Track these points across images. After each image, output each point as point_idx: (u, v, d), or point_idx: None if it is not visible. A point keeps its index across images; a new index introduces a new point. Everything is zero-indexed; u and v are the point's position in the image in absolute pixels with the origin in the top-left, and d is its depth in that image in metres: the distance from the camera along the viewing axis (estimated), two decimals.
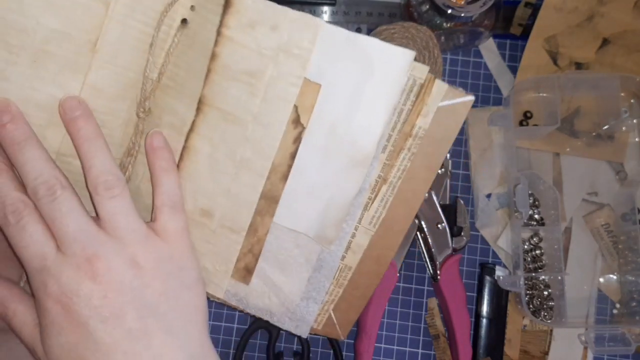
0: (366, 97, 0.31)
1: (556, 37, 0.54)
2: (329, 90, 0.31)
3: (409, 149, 0.33)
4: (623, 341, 0.49)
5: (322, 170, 0.33)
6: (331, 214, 0.34)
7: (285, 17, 0.31)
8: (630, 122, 0.53)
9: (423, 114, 0.32)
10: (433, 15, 0.50)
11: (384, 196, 0.34)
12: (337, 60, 0.31)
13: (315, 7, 0.56)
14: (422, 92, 0.31)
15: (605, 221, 0.53)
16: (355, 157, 0.32)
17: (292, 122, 0.32)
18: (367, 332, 0.49)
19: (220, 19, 0.31)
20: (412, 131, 0.32)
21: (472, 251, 0.53)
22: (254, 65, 0.32)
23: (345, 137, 0.32)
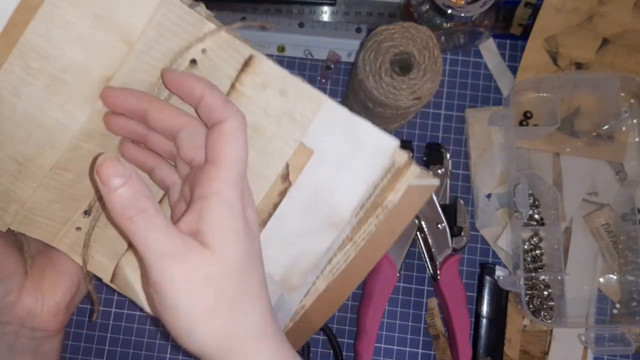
0: (351, 170, 0.35)
1: (556, 37, 0.54)
2: (320, 157, 0.35)
3: (376, 217, 0.37)
4: (623, 341, 0.49)
5: (299, 224, 0.37)
6: (299, 264, 0.37)
7: (295, 86, 0.34)
8: (630, 122, 0.53)
9: (395, 190, 0.36)
10: (433, 15, 0.50)
11: (347, 251, 0.38)
12: (333, 134, 0.35)
13: (315, 7, 0.56)
14: (399, 173, 0.35)
15: (605, 221, 0.53)
16: (331, 219, 0.36)
17: (281, 177, 0.36)
18: (367, 332, 0.49)
19: (237, 75, 0.34)
20: (383, 203, 0.36)
21: (472, 251, 0.53)
22: (258, 121, 0.35)
23: (325, 201, 0.36)
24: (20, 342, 0.38)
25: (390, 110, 0.45)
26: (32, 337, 0.38)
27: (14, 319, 0.37)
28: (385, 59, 0.43)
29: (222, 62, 0.35)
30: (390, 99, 0.43)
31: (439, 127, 0.55)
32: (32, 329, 0.38)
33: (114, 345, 0.52)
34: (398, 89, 0.43)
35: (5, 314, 0.37)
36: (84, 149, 0.35)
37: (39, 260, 0.39)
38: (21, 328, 0.38)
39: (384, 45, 0.43)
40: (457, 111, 0.55)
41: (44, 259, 0.39)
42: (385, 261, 0.49)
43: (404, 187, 0.36)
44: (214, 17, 0.35)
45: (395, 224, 0.37)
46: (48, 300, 0.38)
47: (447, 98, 0.55)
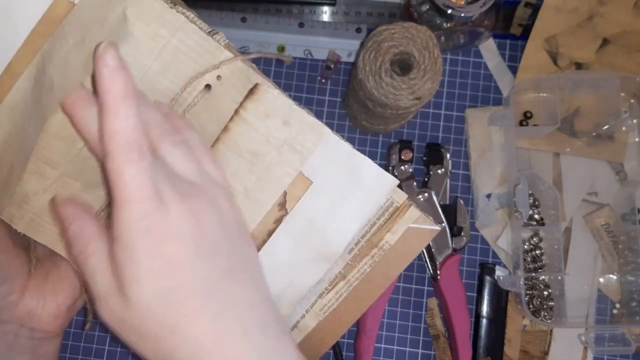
0: (347, 205, 0.36)
1: (556, 37, 0.54)
2: (318, 188, 0.35)
3: (372, 257, 0.37)
4: (623, 341, 0.49)
5: (291, 254, 0.37)
6: (288, 294, 0.38)
7: (298, 117, 0.35)
8: (630, 122, 0.53)
9: (392, 231, 0.36)
10: (433, 15, 0.50)
11: (339, 290, 0.38)
12: (332, 166, 0.35)
13: (315, 7, 0.56)
14: (396, 213, 0.36)
15: (605, 221, 0.53)
16: (324, 252, 0.37)
17: (278, 205, 0.36)
18: (367, 332, 0.49)
19: (241, 101, 0.35)
20: (379, 243, 0.37)
21: (472, 251, 0.53)
22: (259, 148, 0.35)
23: (319, 232, 0.36)
24: (19, 342, 0.38)
25: (390, 110, 0.45)
26: (31, 337, 0.39)
27: (14, 319, 0.38)
28: (385, 59, 0.43)
29: (232, 88, 0.35)
30: (390, 99, 0.43)
31: (439, 127, 0.55)
32: (31, 330, 0.38)
33: (114, 346, 0.52)
34: (398, 89, 0.43)
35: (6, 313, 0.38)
36: (93, 160, 0.35)
37: (44, 263, 0.39)
38: (20, 328, 0.38)
39: (384, 45, 0.43)
40: (457, 111, 0.55)
41: (49, 262, 0.40)
42: None
43: (402, 229, 0.36)
44: (231, 45, 0.35)
45: (392, 266, 0.37)
46: (49, 302, 0.38)
47: (447, 98, 0.55)
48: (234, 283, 0.29)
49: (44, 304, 0.38)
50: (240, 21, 0.55)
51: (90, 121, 0.29)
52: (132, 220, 0.27)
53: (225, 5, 0.56)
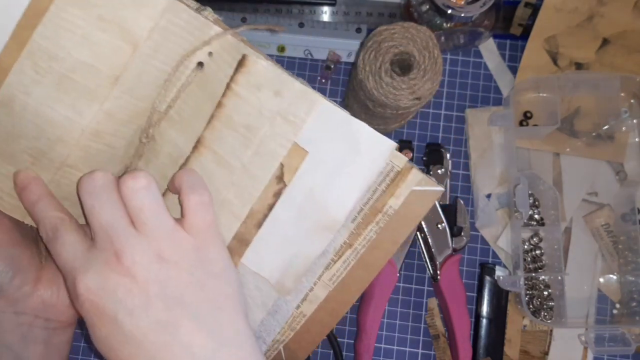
0: (346, 172, 0.35)
1: (556, 37, 0.54)
2: (314, 158, 0.35)
3: (376, 223, 0.36)
4: (623, 341, 0.49)
5: (294, 227, 0.37)
6: (293, 267, 0.37)
7: (289, 87, 0.34)
8: (630, 122, 0.53)
9: (395, 196, 0.36)
10: (433, 15, 0.50)
11: (346, 259, 0.37)
12: (328, 134, 0.35)
13: (315, 7, 0.56)
14: (398, 177, 0.35)
15: (605, 221, 0.53)
16: (325, 222, 0.36)
17: (276, 178, 0.36)
18: (367, 332, 0.49)
19: (232, 75, 0.35)
20: (383, 208, 0.36)
21: (472, 251, 0.53)
22: (252, 121, 0.35)
23: (319, 203, 0.36)
24: (33, 333, 0.39)
25: (390, 110, 0.45)
26: (45, 327, 0.39)
27: (29, 310, 0.38)
28: (385, 59, 0.43)
29: (224, 63, 0.35)
30: (390, 99, 0.43)
31: (439, 127, 0.55)
32: (46, 320, 0.39)
33: None
34: (398, 89, 0.43)
35: (20, 305, 0.38)
36: (93, 148, 0.36)
37: None
38: (35, 319, 0.38)
39: (384, 45, 0.43)
40: (457, 111, 0.55)
41: None
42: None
43: (406, 192, 0.35)
44: (221, 20, 0.35)
45: (398, 231, 0.37)
46: (63, 292, 0.39)
47: (447, 98, 0.55)
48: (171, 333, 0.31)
49: (58, 294, 0.39)
50: (240, 21, 0.55)
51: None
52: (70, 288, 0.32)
53: (225, 5, 0.56)
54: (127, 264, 0.31)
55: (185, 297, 0.32)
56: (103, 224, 0.32)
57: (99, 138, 0.36)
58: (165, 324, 0.31)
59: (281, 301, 0.38)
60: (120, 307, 0.30)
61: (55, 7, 0.32)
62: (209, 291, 0.33)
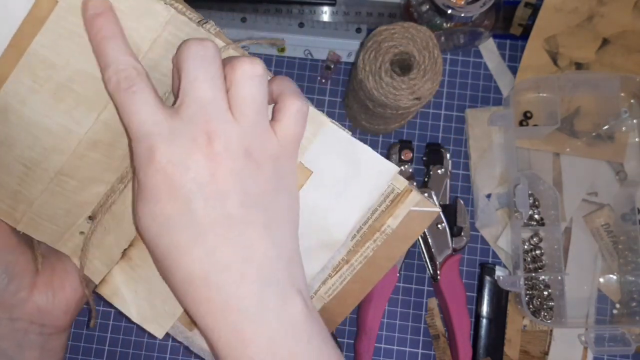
0: (348, 194, 0.36)
1: (556, 37, 0.54)
2: (318, 178, 0.35)
3: (374, 241, 0.37)
4: (623, 341, 0.49)
5: None
6: None
7: None
8: (630, 122, 0.53)
9: (394, 216, 0.37)
10: (433, 15, 0.50)
11: (343, 274, 0.38)
12: (332, 156, 0.35)
13: (315, 7, 0.56)
14: (398, 199, 0.36)
15: (605, 221, 0.53)
16: (326, 241, 0.37)
17: None
18: (367, 332, 0.49)
19: None
20: (382, 227, 0.37)
21: (472, 251, 0.53)
22: None
23: (321, 222, 0.36)
24: (28, 338, 0.38)
25: (390, 110, 0.45)
26: (41, 332, 0.39)
27: (24, 316, 0.38)
28: (385, 59, 0.43)
29: None
30: (390, 99, 0.43)
31: (439, 127, 0.55)
32: (41, 325, 0.39)
33: (114, 346, 0.52)
34: (398, 89, 0.43)
35: (16, 311, 0.38)
36: (89, 157, 0.35)
37: (49, 259, 0.40)
38: (31, 325, 0.38)
39: (384, 45, 0.43)
40: (457, 111, 0.55)
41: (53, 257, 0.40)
42: None
43: (404, 213, 0.36)
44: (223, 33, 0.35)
45: (394, 249, 0.38)
46: (59, 297, 0.39)
47: (447, 98, 0.55)
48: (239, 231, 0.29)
49: (54, 300, 0.39)
50: (240, 21, 0.55)
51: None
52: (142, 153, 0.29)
53: (225, 5, 0.56)
54: (218, 148, 0.28)
55: (261, 201, 0.30)
56: (203, 97, 0.29)
57: (96, 147, 0.35)
58: (237, 220, 0.29)
59: None
60: (198, 190, 0.28)
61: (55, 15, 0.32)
62: (283, 203, 0.32)
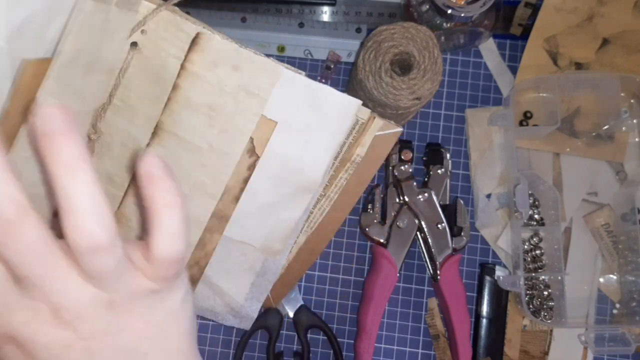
0: (317, 135, 0.35)
1: (556, 37, 0.54)
2: (284, 127, 0.35)
3: (346, 171, 0.38)
4: (623, 341, 0.49)
5: (273, 194, 0.37)
6: (278, 231, 0.38)
7: (247, 60, 0.34)
8: (630, 122, 0.53)
9: (362, 145, 0.37)
10: (433, 15, 0.50)
11: (321, 206, 0.39)
12: (294, 102, 0.34)
13: (315, 7, 0.56)
14: (363, 128, 0.37)
15: (605, 221, 0.53)
16: (304, 184, 0.37)
17: (248, 152, 0.36)
18: (367, 332, 0.49)
19: (185, 55, 0.34)
20: (351, 158, 0.37)
21: (472, 251, 0.53)
22: (214, 99, 0.34)
23: (295, 168, 0.36)
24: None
25: (390, 110, 0.45)
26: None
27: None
28: (385, 59, 0.43)
29: (165, 42, 0.33)
30: (390, 99, 0.43)
31: (439, 127, 0.55)
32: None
33: None
34: (398, 89, 0.43)
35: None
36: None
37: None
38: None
39: (384, 45, 0.43)
40: (457, 111, 0.55)
41: None
42: (385, 261, 0.49)
43: (370, 139, 0.37)
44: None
45: (364, 174, 0.38)
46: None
47: (447, 98, 0.55)
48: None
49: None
50: (240, 21, 0.55)
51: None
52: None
53: (225, 5, 0.56)
54: (68, 318, 0.24)
55: (140, 348, 0.26)
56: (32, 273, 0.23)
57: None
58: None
59: (269, 262, 0.39)
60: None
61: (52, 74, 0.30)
62: (168, 334, 0.27)
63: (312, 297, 0.52)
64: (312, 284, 0.52)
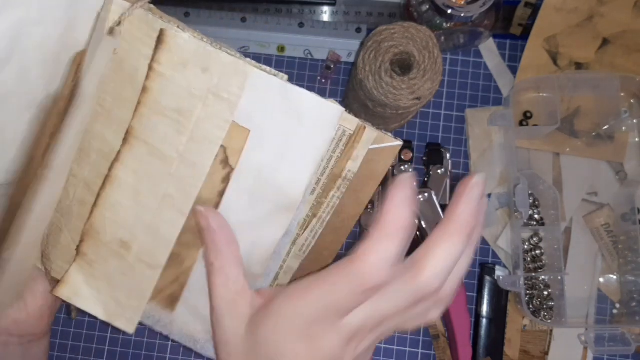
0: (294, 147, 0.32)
1: (556, 37, 0.54)
2: (257, 135, 0.32)
3: (337, 189, 0.34)
4: (623, 341, 0.49)
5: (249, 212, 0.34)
6: (257, 253, 0.35)
7: (216, 61, 0.31)
8: (630, 122, 0.53)
9: (352, 159, 0.34)
10: (433, 15, 0.50)
11: (313, 228, 0.36)
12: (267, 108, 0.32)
13: (315, 7, 0.56)
14: (352, 140, 0.33)
15: (605, 221, 0.53)
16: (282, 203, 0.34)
17: (221, 162, 0.33)
18: None
19: (153, 54, 0.31)
20: (342, 174, 0.34)
21: None
22: (183, 103, 0.32)
23: (272, 183, 0.33)
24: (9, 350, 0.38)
25: (390, 110, 0.45)
26: (20, 342, 0.38)
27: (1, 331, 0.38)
28: (385, 59, 0.43)
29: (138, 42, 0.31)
30: (390, 99, 0.43)
31: (439, 127, 0.55)
32: (19, 336, 0.38)
33: (114, 346, 0.52)
34: (398, 89, 0.43)
35: None
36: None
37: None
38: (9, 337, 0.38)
39: (384, 45, 0.43)
40: (457, 111, 0.55)
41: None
42: None
43: (363, 153, 0.33)
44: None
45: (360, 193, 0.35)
46: (31, 306, 0.38)
47: (447, 98, 0.55)
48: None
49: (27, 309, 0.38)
50: (240, 21, 0.55)
51: None
52: None
53: (225, 5, 0.56)
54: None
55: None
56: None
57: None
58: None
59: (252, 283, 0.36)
60: None
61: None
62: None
63: None
64: None
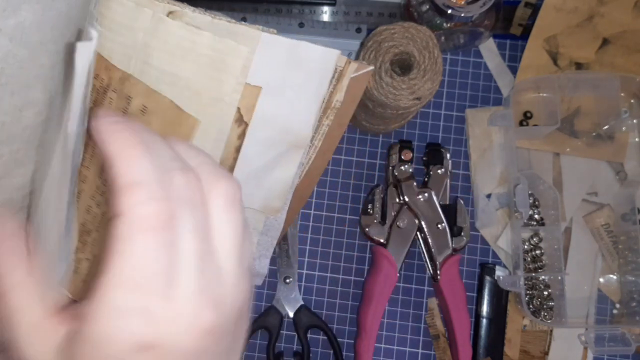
0: (302, 92, 0.36)
1: (556, 37, 0.54)
2: (268, 90, 0.35)
3: (327, 117, 0.38)
4: (623, 341, 0.49)
5: (266, 157, 0.37)
6: (276, 190, 0.39)
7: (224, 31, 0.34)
8: (630, 122, 0.53)
9: (340, 90, 0.38)
10: (433, 15, 0.50)
11: (309, 155, 0.40)
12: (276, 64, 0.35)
13: (315, 7, 0.56)
14: (341, 75, 0.37)
15: (605, 221, 0.53)
16: (294, 142, 0.37)
17: (236, 122, 0.35)
18: (367, 332, 0.49)
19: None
20: (332, 105, 0.38)
21: (472, 251, 0.53)
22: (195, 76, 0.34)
23: (284, 128, 0.37)
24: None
25: (390, 110, 0.45)
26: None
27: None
28: (385, 59, 0.43)
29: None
30: (390, 99, 0.43)
31: (439, 127, 0.55)
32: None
33: None
34: (398, 89, 0.43)
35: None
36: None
37: None
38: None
39: (384, 45, 0.43)
40: (457, 111, 0.55)
41: None
42: (385, 261, 0.49)
43: (346, 83, 0.37)
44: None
45: (343, 117, 0.39)
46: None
47: (447, 98, 0.55)
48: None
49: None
50: (240, 21, 0.55)
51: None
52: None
53: (225, 5, 0.56)
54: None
55: None
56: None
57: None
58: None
59: (270, 220, 0.40)
60: None
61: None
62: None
63: (312, 297, 0.52)
64: (312, 284, 0.52)
